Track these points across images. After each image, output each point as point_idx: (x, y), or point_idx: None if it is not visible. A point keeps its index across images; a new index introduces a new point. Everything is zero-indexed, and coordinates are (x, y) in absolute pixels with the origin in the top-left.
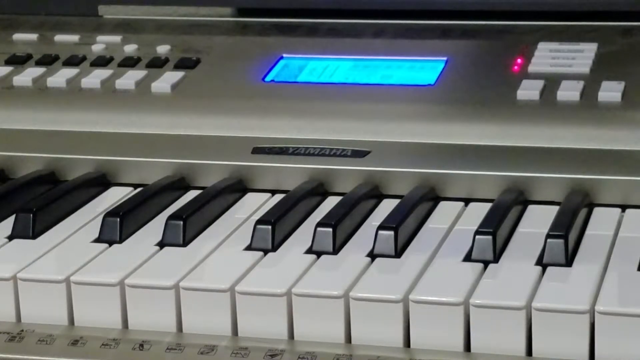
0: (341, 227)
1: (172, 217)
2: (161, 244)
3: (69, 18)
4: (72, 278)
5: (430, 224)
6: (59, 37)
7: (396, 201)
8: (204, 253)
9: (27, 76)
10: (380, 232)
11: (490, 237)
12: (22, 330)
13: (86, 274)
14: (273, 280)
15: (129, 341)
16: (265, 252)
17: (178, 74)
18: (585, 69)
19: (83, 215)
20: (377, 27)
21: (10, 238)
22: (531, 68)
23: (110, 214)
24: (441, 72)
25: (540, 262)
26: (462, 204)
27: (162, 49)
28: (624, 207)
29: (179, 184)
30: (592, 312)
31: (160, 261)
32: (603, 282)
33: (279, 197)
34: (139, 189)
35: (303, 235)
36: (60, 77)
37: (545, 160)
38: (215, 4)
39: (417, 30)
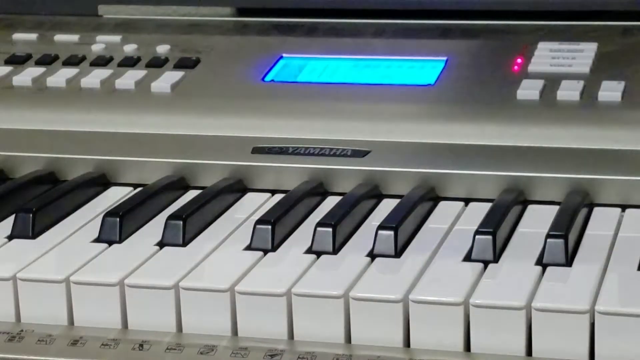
0: (341, 227)
1: (172, 217)
2: (161, 244)
3: (68, 18)
4: (72, 278)
5: (430, 223)
6: (59, 37)
7: (396, 201)
8: (203, 253)
9: (26, 76)
10: (380, 232)
11: (490, 237)
12: (22, 330)
13: (86, 274)
14: (273, 280)
15: (128, 341)
16: (265, 252)
17: (178, 74)
18: (585, 69)
19: (83, 215)
20: (377, 27)
21: (10, 238)
22: (531, 68)
23: (110, 214)
24: (441, 72)
25: (540, 262)
26: (462, 204)
27: (162, 49)
28: (624, 207)
29: (179, 184)
30: (592, 312)
31: (160, 261)
32: (603, 282)
33: (279, 197)
34: (138, 189)
35: (303, 235)
36: (60, 77)
37: (545, 160)
38: (215, 4)
39: (417, 30)
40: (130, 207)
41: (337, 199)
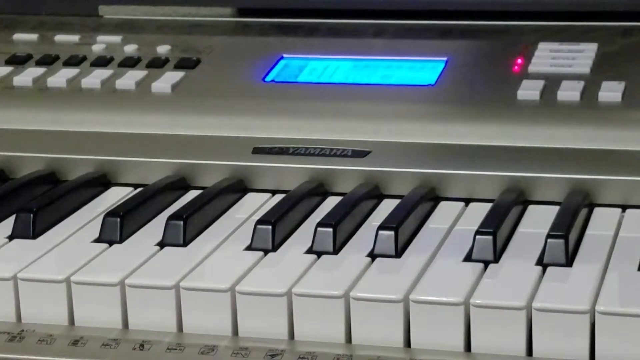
0: (341, 227)
1: (172, 217)
2: (161, 244)
3: (69, 18)
4: (73, 278)
5: (431, 224)
6: (59, 37)
7: (396, 201)
8: (204, 253)
9: (27, 76)
10: (380, 232)
11: (490, 237)
12: (23, 330)
13: (86, 274)
14: (273, 280)
15: (129, 341)
16: (266, 252)
17: (178, 74)
18: (586, 69)
19: (83, 215)
20: (377, 27)
21: (11, 238)
22: (531, 68)
23: (110, 214)
24: (441, 72)
25: (540, 262)
26: (462, 204)
27: (162, 49)
28: (624, 207)
29: (179, 184)
30: (592, 312)
31: (160, 261)
32: (603, 282)
33: (279, 197)
34: (139, 189)
35: (303, 235)
36: (61, 77)
37: (545, 160)
38: (215, 4)
39: (417, 30)
40: (130, 207)
41: (338, 199)
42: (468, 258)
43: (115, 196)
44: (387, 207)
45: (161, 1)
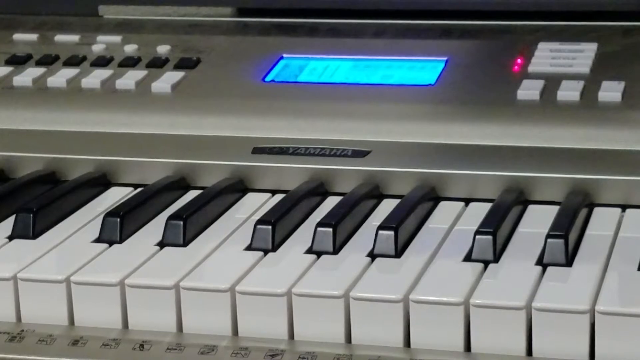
0: (341, 227)
1: (172, 217)
2: (161, 244)
3: (69, 18)
4: (72, 278)
5: (431, 224)
6: (59, 37)
7: (396, 201)
8: (204, 253)
9: (27, 76)
10: (380, 232)
11: (490, 237)
12: (22, 330)
13: (86, 274)
14: (273, 280)
15: (129, 341)
16: (266, 252)
17: (178, 74)
18: (586, 69)
19: (83, 215)
20: (377, 27)
21: (11, 238)
22: (531, 68)
23: (110, 214)
24: (441, 72)
25: (540, 262)
26: (462, 204)
27: (162, 49)
28: (624, 207)
29: (179, 184)
30: (592, 312)
31: (160, 261)
32: (603, 282)
33: (279, 197)
34: (139, 189)
35: (303, 235)
36: (61, 77)
37: (545, 160)
38: (215, 4)
39: (417, 30)
40: (130, 207)
41: (338, 199)
42: (468, 258)
43: (115, 196)
44: (387, 207)
45: (161, 1)
